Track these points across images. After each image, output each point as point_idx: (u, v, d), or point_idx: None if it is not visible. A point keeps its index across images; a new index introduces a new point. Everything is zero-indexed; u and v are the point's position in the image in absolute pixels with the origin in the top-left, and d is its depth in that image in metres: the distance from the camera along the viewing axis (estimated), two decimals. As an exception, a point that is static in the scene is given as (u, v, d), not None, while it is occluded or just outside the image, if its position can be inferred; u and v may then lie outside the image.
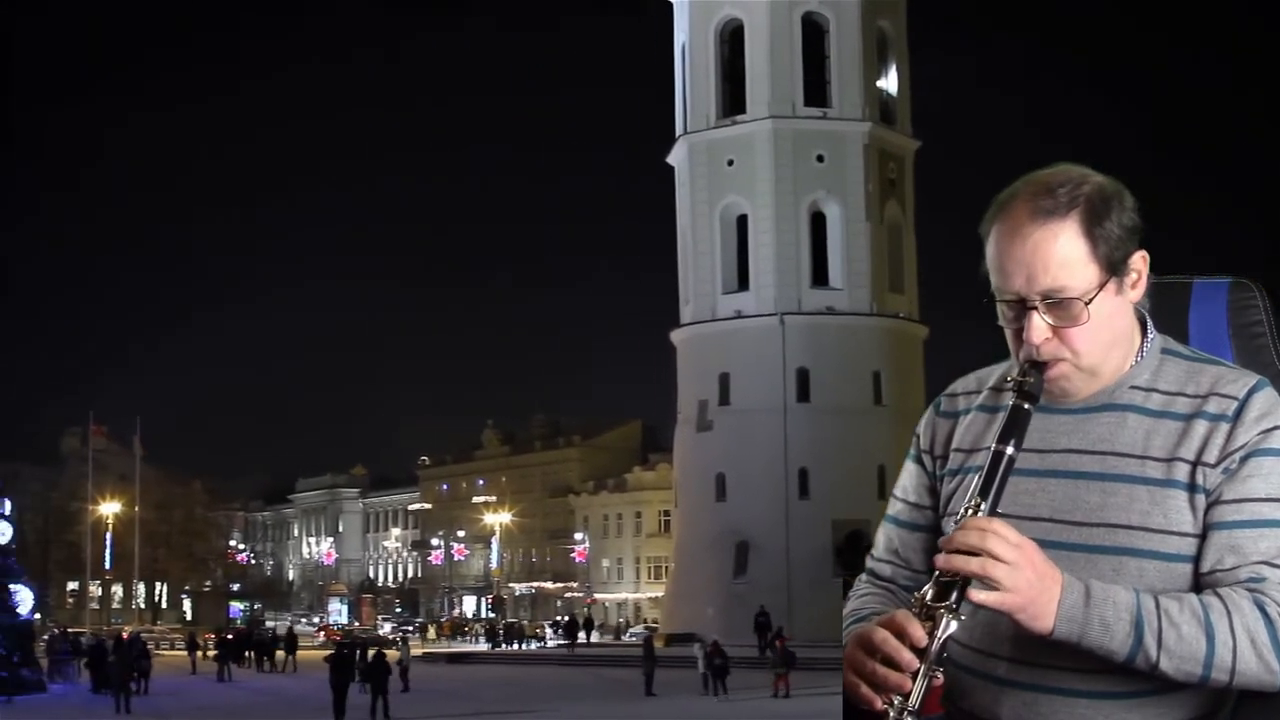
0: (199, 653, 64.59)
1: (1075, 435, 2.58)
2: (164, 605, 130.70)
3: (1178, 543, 2.47)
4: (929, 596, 2.35)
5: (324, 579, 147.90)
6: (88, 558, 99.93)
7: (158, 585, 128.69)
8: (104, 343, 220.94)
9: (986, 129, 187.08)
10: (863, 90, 72.12)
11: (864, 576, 2.88)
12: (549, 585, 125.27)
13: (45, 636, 62.28)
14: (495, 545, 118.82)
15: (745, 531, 68.64)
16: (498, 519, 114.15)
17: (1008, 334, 2.58)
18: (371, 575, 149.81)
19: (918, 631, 2.32)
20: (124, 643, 47.16)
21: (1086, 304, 2.47)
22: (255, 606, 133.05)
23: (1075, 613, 2.34)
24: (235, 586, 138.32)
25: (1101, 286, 2.49)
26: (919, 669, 2.31)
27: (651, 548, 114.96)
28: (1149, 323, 2.66)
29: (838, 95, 71.94)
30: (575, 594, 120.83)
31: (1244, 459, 2.47)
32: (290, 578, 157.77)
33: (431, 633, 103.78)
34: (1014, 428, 2.45)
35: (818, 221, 71.53)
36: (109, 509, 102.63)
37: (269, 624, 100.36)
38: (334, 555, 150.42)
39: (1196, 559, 2.47)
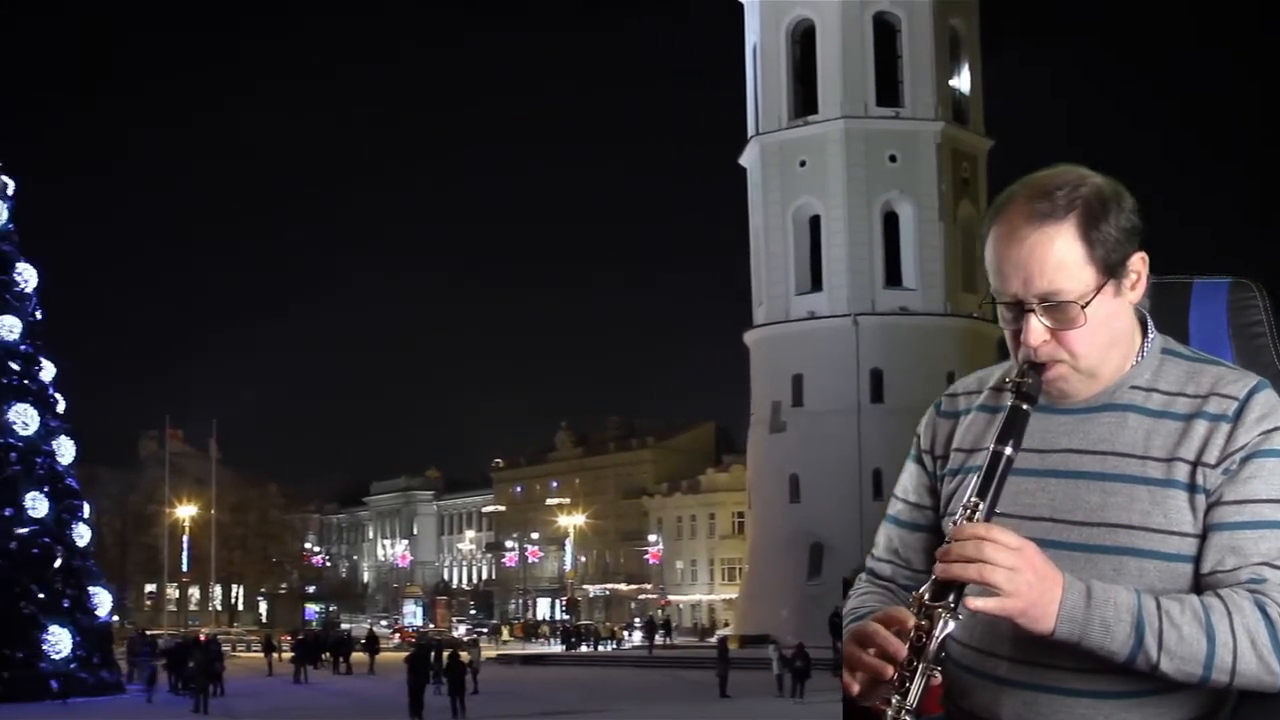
0: (275, 654, 64.96)
1: (1075, 435, 2.59)
2: (240, 607, 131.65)
3: (1178, 543, 2.48)
4: (927, 596, 2.36)
5: (399, 581, 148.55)
6: (165, 560, 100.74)
7: (234, 587, 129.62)
8: (181, 347, 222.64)
9: (1060, 127, 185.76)
10: (935, 89, 71.78)
11: (864, 576, 2.90)
12: (623, 587, 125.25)
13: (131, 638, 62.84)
14: (569, 547, 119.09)
15: (819, 533, 68.42)
16: (571, 521, 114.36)
17: (1006, 335, 2.60)
18: (446, 577, 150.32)
19: (908, 621, 2.34)
20: (203, 644, 47.51)
21: (1083, 307, 2.48)
22: (330, 609, 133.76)
23: (1076, 614, 2.35)
24: (311, 589, 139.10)
25: (1099, 289, 2.49)
26: (916, 667, 2.32)
27: (725, 549, 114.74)
28: (1149, 323, 2.66)
29: (910, 95, 71.63)
30: (649, 596, 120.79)
31: (1244, 460, 2.47)
32: (365, 580, 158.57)
33: (505, 634, 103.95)
34: (1012, 429, 2.46)
35: (890, 222, 71.27)
36: (186, 512, 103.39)
37: (344, 626, 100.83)
38: (409, 557, 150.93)
39: (1197, 559, 2.47)
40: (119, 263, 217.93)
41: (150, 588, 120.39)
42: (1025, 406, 2.49)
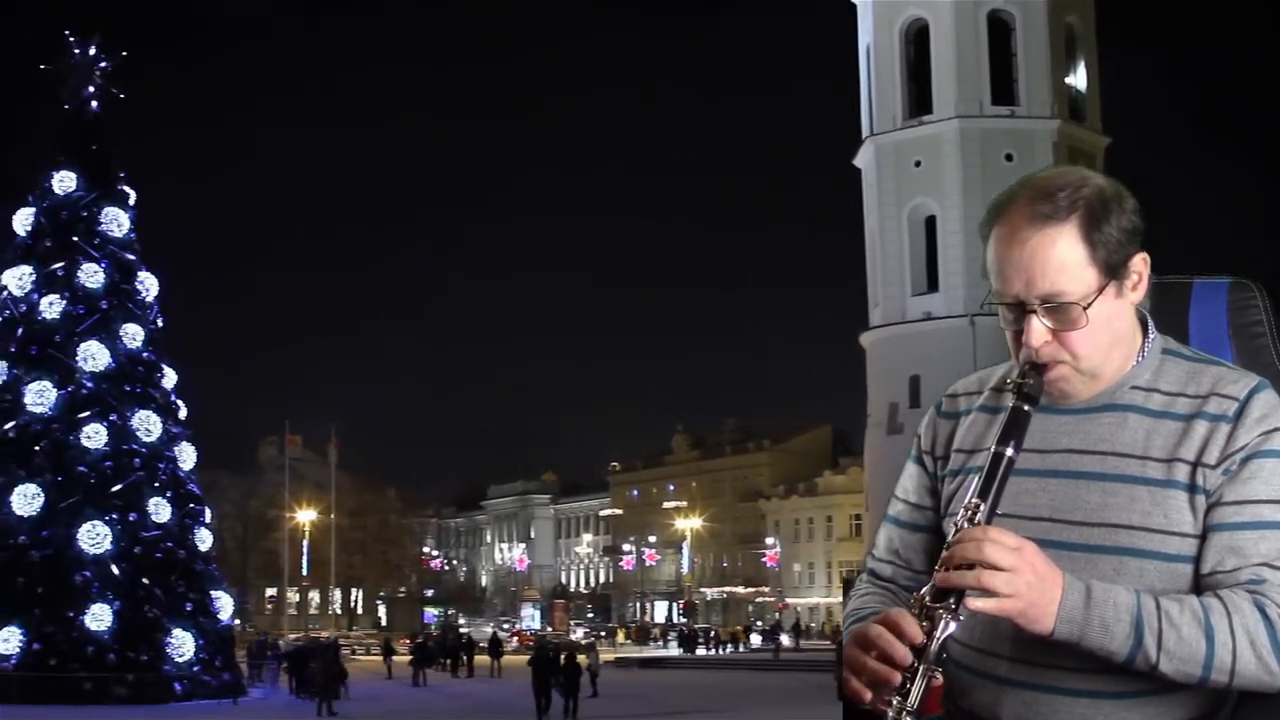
0: (394, 658, 65.39)
1: (1076, 435, 2.60)
2: (359, 611, 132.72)
3: (1178, 543, 2.48)
4: (928, 598, 2.37)
5: (516, 584, 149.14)
6: (285, 564, 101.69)
7: (353, 591, 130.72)
8: (299, 352, 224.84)
9: (1176, 124, 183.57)
10: (1051, 87, 71.08)
11: (864, 576, 2.93)
12: (740, 590, 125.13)
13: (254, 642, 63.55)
14: (686, 550, 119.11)
15: (937, 535, 67.93)
16: (688, 524, 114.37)
17: (1007, 336, 2.62)
18: (563, 581, 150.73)
19: (913, 628, 2.34)
20: (325, 648, 47.88)
21: (1085, 308, 2.49)
22: (449, 612, 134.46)
23: (1075, 614, 2.36)
24: (429, 592, 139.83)
25: (1100, 290, 2.50)
26: (917, 668, 2.33)
27: (843, 552, 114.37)
28: (1150, 323, 2.66)
29: (1025, 93, 70.99)
30: (767, 599, 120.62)
31: (1244, 460, 2.47)
32: (483, 583, 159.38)
33: (621, 637, 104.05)
34: (1013, 429, 2.48)
35: (1007, 221, 70.63)
36: (305, 516, 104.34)
37: (463, 629, 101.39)
38: (526, 561, 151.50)
39: (1197, 560, 2.48)
40: (234, 270, 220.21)
41: (270, 592, 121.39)
42: (1026, 407, 2.50)
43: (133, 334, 45.12)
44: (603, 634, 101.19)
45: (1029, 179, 2.58)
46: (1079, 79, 73.79)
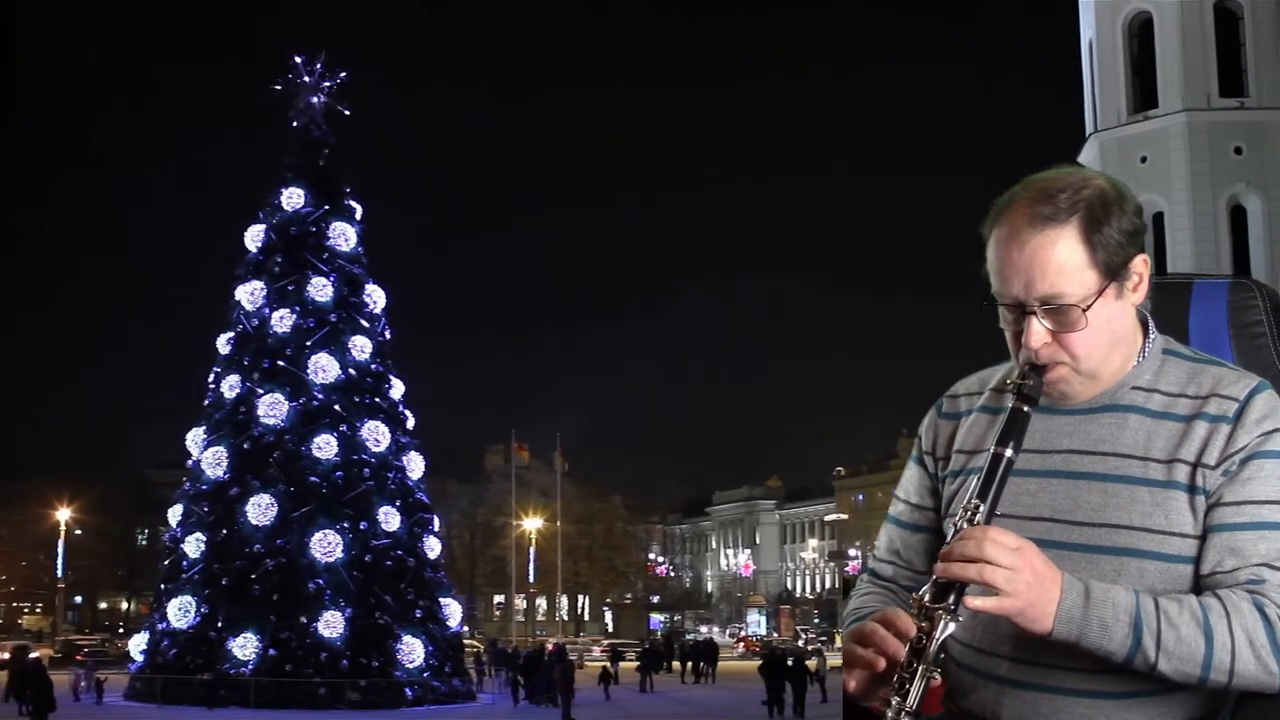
0: (621, 663, 65.67)
1: (1077, 436, 2.60)
2: (586, 617, 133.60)
3: (1178, 544, 2.48)
4: (927, 598, 2.38)
5: (742, 590, 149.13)
6: (512, 571, 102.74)
7: (580, 598, 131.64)
8: (525, 362, 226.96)
9: None
10: (1283, 77, 69.26)
11: (865, 576, 2.92)
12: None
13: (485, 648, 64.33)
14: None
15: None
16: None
17: (1007, 337, 2.62)
18: (789, 586, 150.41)
19: (907, 623, 2.37)
20: (562, 653, 48.28)
21: (1084, 310, 2.49)
22: (675, 618, 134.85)
23: (1074, 614, 2.36)
24: (655, 598, 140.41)
25: (1100, 292, 2.50)
26: (916, 668, 2.34)
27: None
28: (1151, 324, 2.66)
29: (1255, 84, 69.15)
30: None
31: (1244, 461, 2.47)
32: (709, 589, 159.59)
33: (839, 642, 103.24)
34: (1013, 430, 2.48)
35: (1237, 216, 68.94)
36: (532, 524, 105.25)
37: (689, 635, 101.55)
38: (751, 566, 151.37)
39: (1197, 560, 2.48)
40: (464, 284, 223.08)
41: (498, 599, 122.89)
42: (1026, 408, 2.51)
43: (361, 346, 45.93)
44: (826, 639, 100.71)
45: (1030, 180, 2.58)
46: (1312, 68, 71.75)
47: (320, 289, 45.73)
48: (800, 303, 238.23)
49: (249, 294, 46.08)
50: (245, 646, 41.11)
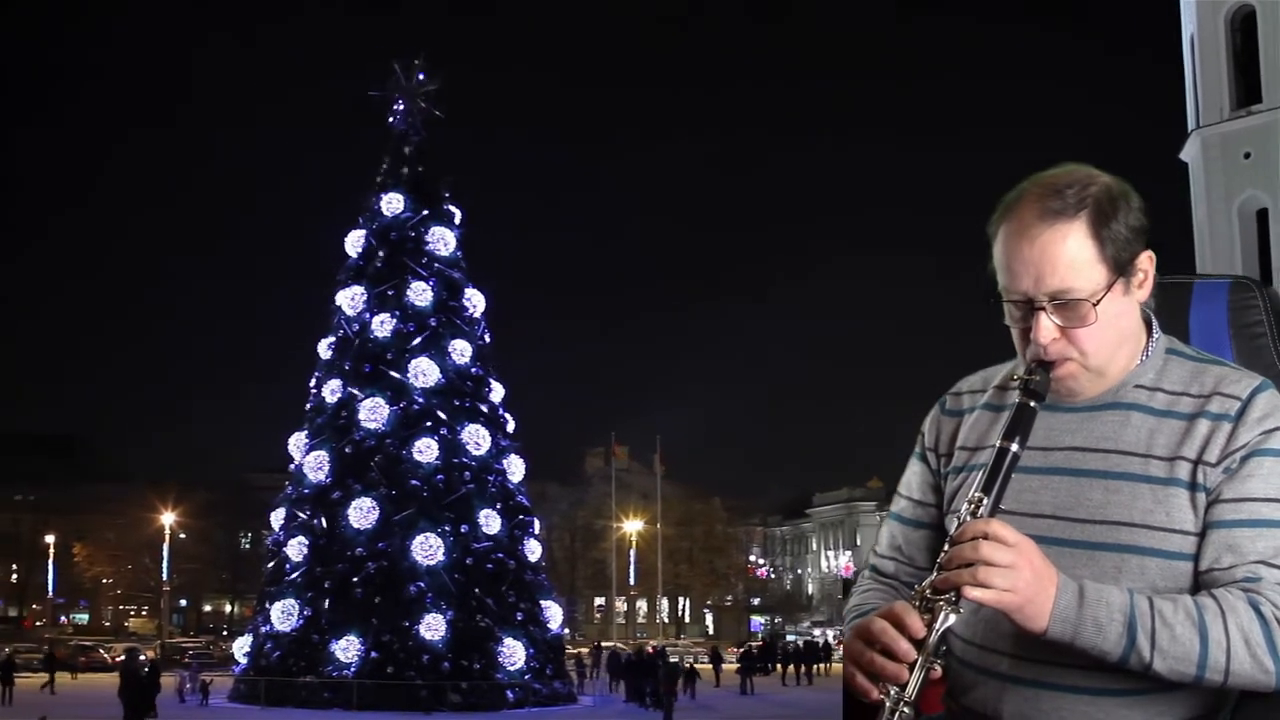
0: (723, 665, 65.60)
1: (1079, 433, 2.61)
2: (686, 619, 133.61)
3: (1180, 541, 2.49)
4: (929, 590, 2.39)
5: (842, 592, 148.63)
6: (613, 574, 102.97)
7: (680, 600, 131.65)
8: (625, 365, 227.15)
9: None
10: (1391, 70, 68.23)
11: (867, 573, 2.94)
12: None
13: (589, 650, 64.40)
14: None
15: None
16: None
17: (1014, 333, 2.63)
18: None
19: (916, 623, 2.36)
20: (655, 655, 48.29)
21: (1094, 305, 2.51)
22: (776, 620, 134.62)
23: (1069, 613, 2.37)
24: (755, 600, 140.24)
25: (1109, 287, 2.52)
26: (916, 660, 2.36)
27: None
28: (1154, 323, 2.68)
29: (1362, 77, 68.22)
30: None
31: (1244, 459, 2.48)
32: (809, 591, 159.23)
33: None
34: (1019, 425, 2.50)
35: (1346, 211, 68.01)
36: (632, 526, 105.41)
37: (790, 637, 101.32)
38: (852, 568, 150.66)
39: (1197, 557, 2.49)
40: (561, 286, 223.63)
41: (599, 601, 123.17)
42: (1033, 404, 2.52)
43: (461, 350, 46.17)
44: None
45: (1037, 177, 2.59)
46: None
47: (420, 293, 46.04)
48: (902, 301, 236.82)
49: (349, 299, 46.46)
50: (348, 649, 41.45)
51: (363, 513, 42.99)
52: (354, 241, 47.53)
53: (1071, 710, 2.51)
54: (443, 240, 47.35)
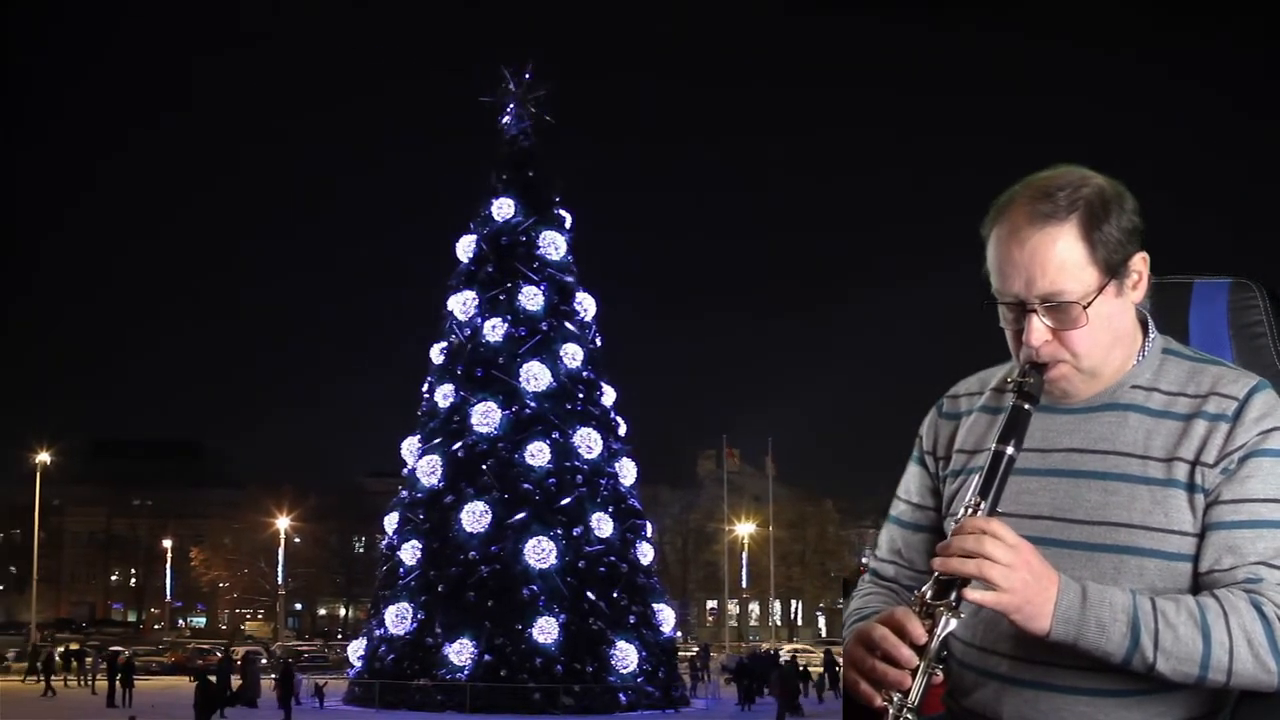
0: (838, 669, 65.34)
1: (1077, 435, 2.62)
2: (799, 622, 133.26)
3: (1178, 542, 2.49)
4: (929, 595, 2.40)
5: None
6: (725, 577, 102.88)
7: (793, 602, 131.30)
8: (736, 368, 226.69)
9: None
10: None
11: (867, 577, 2.95)
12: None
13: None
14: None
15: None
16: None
17: (1008, 335, 2.63)
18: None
19: (917, 629, 2.37)
20: (770, 658, 48.18)
21: (1085, 307, 2.51)
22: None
23: (1071, 614, 2.37)
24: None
25: (1100, 289, 2.52)
26: (918, 666, 2.36)
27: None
28: (1150, 323, 2.67)
29: None
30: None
31: (1243, 459, 2.48)
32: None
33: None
34: (1014, 428, 2.50)
35: None
36: (744, 529, 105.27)
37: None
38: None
39: (1196, 558, 2.48)
40: (672, 285, 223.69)
41: (711, 604, 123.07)
42: (1027, 406, 2.53)
43: (572, 354, 46.30)
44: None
45: (1029, 179, 2.59)
46: None
47: (531, 298, 46.23)
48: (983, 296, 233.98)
49: (461, 304, 46.75)
50: (461, 652, 41.72)
51: (475, 516, 43.24)
52: (465, 246, 47.81)
53: (1071, 711, 2.51)
54: (553, 244, 47.52)
